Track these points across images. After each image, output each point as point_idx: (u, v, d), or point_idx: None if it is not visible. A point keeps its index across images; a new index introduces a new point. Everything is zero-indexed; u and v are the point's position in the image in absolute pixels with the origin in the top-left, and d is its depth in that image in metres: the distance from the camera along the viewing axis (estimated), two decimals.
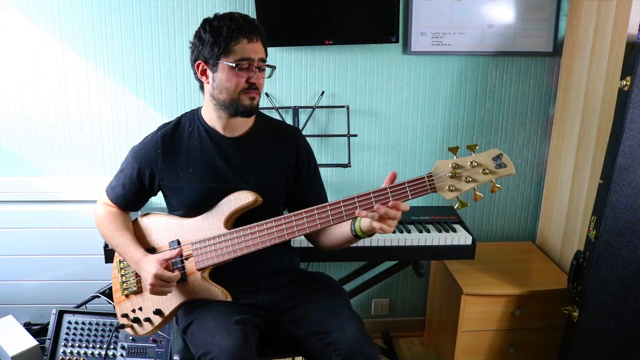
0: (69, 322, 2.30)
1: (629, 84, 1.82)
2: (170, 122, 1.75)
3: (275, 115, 2.34)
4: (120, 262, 1.78)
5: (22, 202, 2.43)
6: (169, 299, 1.69)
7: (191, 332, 1.61)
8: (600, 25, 2.12)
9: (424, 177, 1.45)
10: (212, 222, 1.66)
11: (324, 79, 2.44)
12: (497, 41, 2.43)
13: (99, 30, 2.32)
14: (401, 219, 1.51)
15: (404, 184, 1.45)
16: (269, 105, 2.38)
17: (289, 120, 2.37)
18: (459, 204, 1.45)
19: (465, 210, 2.63)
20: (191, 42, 1.65)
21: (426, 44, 2.41)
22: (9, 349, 2.23)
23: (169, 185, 1.71)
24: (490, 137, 2.57)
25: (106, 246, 2.08)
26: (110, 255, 2.04)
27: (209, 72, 1.61)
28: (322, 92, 2.44)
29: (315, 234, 1.74)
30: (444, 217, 2.32)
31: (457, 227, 2.26)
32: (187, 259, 1.66)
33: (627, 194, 1.90)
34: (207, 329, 1.55)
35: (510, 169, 1.41)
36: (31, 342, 2.28)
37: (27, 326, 2.47)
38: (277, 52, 2.37)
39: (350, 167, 2.39)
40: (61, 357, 2.25)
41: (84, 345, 2.28)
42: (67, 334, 2.28)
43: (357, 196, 1.49)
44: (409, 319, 2.81)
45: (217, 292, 1.65)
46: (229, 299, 1.64)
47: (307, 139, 1.87)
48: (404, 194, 1.45)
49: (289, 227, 1.57)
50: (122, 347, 2.25)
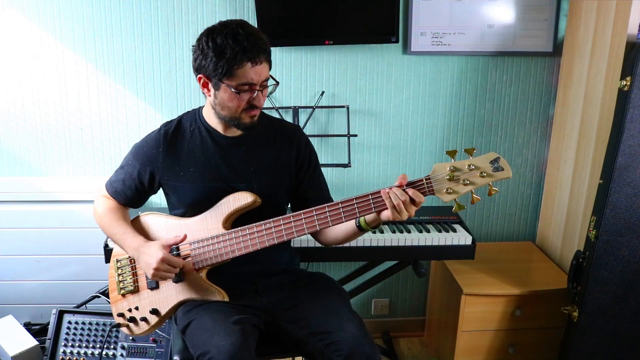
0: (69, 322, 2.30)
1: (628, 84, 1.82)
2: (172, 120, 1.75)
3: (275, 115, 2.33)
4: (117, 262, 1.77)
5: (22, 202, 2.44)
6: (165, 298, 1.69)
7: (190, 331, 1.61)
8: (600, 25, 2.12)
9: (422, 180, 1.46)
10: (210, 223, 1.66)
11: (324, 79, 2.44)
12: (497, 41, 2.43)
13: (99, 30, 2.32)
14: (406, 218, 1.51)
15: (403, 186, 1.47)
16: (269, 105, 2.37)
17: (289, 120, 2.37)
18: (456, 206, 1.47)
19: (465, 210, 2.63)
20: (193, 47, 1.60)
21: (426, 44, 2.41)
22: (9, 349, 2.23)
23: (169, 183, 1.71)
24: (490, 137, 2.57)
25: (106, 246, 2.09)
26: (110, 255, 2.03)
27: (210, 87, 1.60)
28: (322, 92, 2.44)
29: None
30: (444, 217, 2.32)
31: (457, 227, 2.26)
32: (185, 258, 1.66)
33: (627, 194, 1.90)
34: (206, 328, 1.55)
35: (507, 173, 1.43)
36: (31, 342, 2.28)
37: (27, 326, 2.47)
38: (277, 52, 2.37)
39: (350, 167, 2.39)
40: (61, 357, 2.26)
41: (84, 345, 2.28)
42: (67, 334, 2.29)
43: (356, 198, 1.50)
44: (409, 319, 2.81)
45: (215, 292, 1.64)
46: (226, 299, 1.64)
47: None
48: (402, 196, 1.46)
49: (288, 229, 1.57)
50: (122, 347, 2.26)
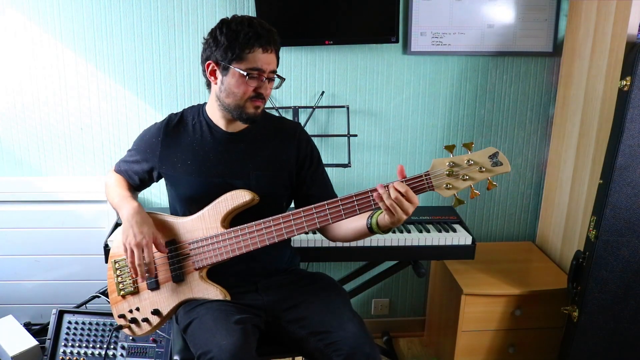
0: (69, 322, 2.30)
1: (628, 84, 1.82)
2: (177, 113, 1.79)
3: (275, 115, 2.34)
4: (115, 263, 1.75)
5: (22, 202, 2.44)
6: (166, 298, 1.69)
7: (191, 331, 1.61)
8: (600, 25, 2.12)
9: (422, 175, 1.47)
10: (209, 221, 1.66)
11: (324, 79, 2.44)
12: (497, 41, 2.43)
13: (99, 30, 2.32)
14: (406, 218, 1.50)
15: (402, 182, 1.47)
16: (269, 105, 2.38)
17: None
18: (455, 201, 1.47)
19: (465, 210, 2.63)
20: (205, 39, 1.64)
21: (426, 44, 2.41)
22: (9, 349, 2.23)
23: (167, 173, 1.74)
24: (490, 137, 2.57)
25: (106, 246, 2.09)
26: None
27: (218, 73, 1.61)
28: (322, 92, 2.44)
29: (325, 226, 1.71)
30: (444, 217, 2.32)
31: (457, 227, 2.26)
32: (184, 258, 1.66)
33: (627, 194, 1.90)
34: (207, 328, 1.55)
35: (506, 167, 1.44)
36: (31, 342, 2.28)
37: (27, 326, 2.47)
38: None
39: (350, 167, 2.39)
40: (61, 357, 2.26)
41: (84, 345, 2.28)
42: (67, 334, 2.29)
43: (356, 195, 1.50)
44: (409, 319, 2.81)
45: (216, 292, 1.64)
46: (228, 298, 1.64)
47: None
48: None
49: (288, 227, 1.57)
50: (122, 347, 2.25)
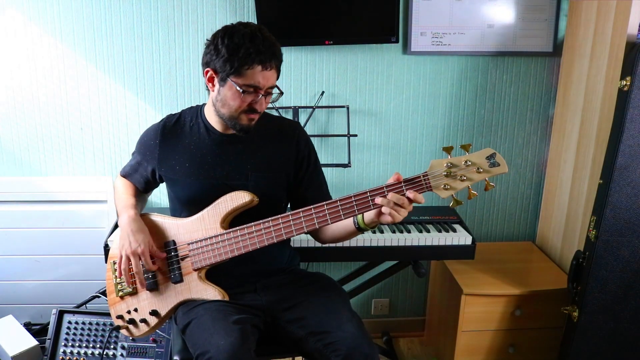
0: (69, 322, 2.30)
1: (628, 84, 1.82)
2: (175, 114, 1.78)
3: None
4: (114, 264, 1.75)
5: (22, 202, 2.44)
6: (165, 299, 1.69)
7: (190, 331, 1.61)
8: (600, 25, 2.11)
9: (420, 176, 1.47)
10: (208, 222, 1.66)
11: (324, 79, 2.44)
12: (497, 41, 2.43)
13: (99, 30, 2.32)
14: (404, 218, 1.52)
15: (401, 182, 1.48)
16: (269, 105, 2.37)
17: None
18: (453, 202, 1.48)
19: (465, 210, 2.63)
20: (207, 42, 1.61)
21: (426, 44, 2.41)
22: (9, 349, 2.23)
23: (167, 176, 1.74)
24: (490, 137, 2.57)
25: (106, 246, 2.09)
26: None
27: (216, 82, 1.61)
28: (322, 92, 2.44)
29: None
30: (444, 217, 2.32)
31: (457, 227, 2.26)
32: (183, 259, 1.66)
33: (627, 194, 1.90)
34: (206, 328, 1.55)
35: (503, 168, 1.44)
36: (31, 342, 2.28)
37: (27, 326, 2.47)
38: None
39: (350, 167, 2.39)
40: (61, 357, 2.26)
41: (84, 345, 2.28)
42: (67, 334, 2.29)
43: (355, 195, 1.50)
44: (409, 319, 2.81)
45: (215, 292, 1.64)
46: (226, 298, 1.64)
47: None
48: (400, 192, 1.47)
49: (287, 227, 1.57)
50: (122, 347, 2.25)
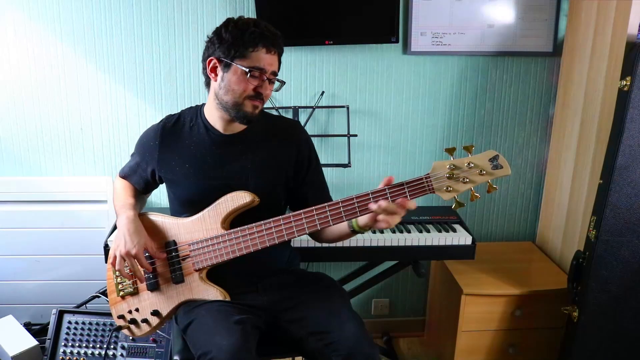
0: (69, 322, 2.30)
1: (629, 84, 1.82)
2: (175, 114, 1.78)
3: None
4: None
5: (22, 202, 2.44)
6: (166, 299, 1.68)
7: (191, 331, 1.61)
8: (600, 25, 2.12)
9: (422, 178, 1.46)
10: (209, 222, 1.65)
11: (324, 79, 2.44)
12: (497, 41, 2.43)
13: (99, 30, 2.32)
14: (401, 219, 1.52)
15: (403, 184, 1.47)
16: (269, 105, 2.38)
17: None
18: (456, 204, 1.47)
19: (465, 210, 2.63)
20: (208, 38, 1.64)
21: (426, 44, 2.41)
22: (9, 349, 2.23)
23: (167, 177, 1.74)
24: (490, 137, 2.57)
25: (106, 246, 2.09)
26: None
27: (219, 70, 1.61)
28: (322, 92, 2.44)
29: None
30: (444, 217, 2.32)
31: (457, 227, 2.26)
32: (184, 259, 1.66)
33: (627, 194, 1.90)
34: (207, 328, 1.55)
35: (506, 170, 1.43)
36: (31, 342, 2.28)
37: (27, 326, 2.47)
38: None
39: (350, 167, 2.39)
40: (61, 357, 2.26)
41: (84, 345, 2.28)
42: (67, 334, 2.29)
43: (356, 196, 1.50)
44: (409, 319, 2.81)
45: (216, 293, 1.64)
46: (228, 298, 1.64)
47: None
48: (402, 194, 1.46)
49: (288, 228, 1.57)
50: (122, 347, 2.25)
